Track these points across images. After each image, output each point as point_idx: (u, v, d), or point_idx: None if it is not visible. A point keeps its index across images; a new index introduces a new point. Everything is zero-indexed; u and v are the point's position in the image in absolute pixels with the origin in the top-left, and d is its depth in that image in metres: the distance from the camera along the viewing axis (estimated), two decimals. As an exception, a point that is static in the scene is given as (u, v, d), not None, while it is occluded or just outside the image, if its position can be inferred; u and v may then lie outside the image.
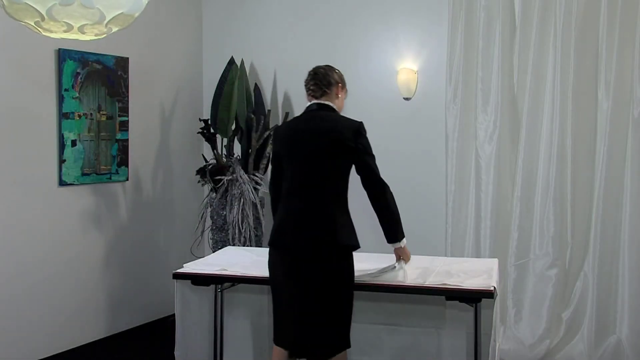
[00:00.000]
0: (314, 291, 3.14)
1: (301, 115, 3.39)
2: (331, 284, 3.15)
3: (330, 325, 3.16)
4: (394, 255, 3.47)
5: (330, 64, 3.44)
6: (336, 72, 3.38)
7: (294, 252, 3.18)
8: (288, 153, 3.29)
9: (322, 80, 3.31)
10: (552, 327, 4.66)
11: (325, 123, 3.23)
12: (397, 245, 3.35)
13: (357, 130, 3.21)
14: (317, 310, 3.14)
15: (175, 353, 3.87)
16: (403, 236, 3.35)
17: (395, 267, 3.44)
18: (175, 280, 3.76)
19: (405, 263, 3.43)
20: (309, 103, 3.36)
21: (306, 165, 3.22)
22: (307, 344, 3.19)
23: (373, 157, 3.25)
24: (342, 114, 3.37)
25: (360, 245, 3.29)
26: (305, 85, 3.37)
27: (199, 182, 5.43)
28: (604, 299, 4.55)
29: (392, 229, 3.30)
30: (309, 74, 3.37)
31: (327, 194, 3.19)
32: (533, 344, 4.64)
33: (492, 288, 3.28)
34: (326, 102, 3.30)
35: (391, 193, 3.27)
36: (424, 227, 5.16)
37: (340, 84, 3.36)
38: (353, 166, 3.27)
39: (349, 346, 3.23)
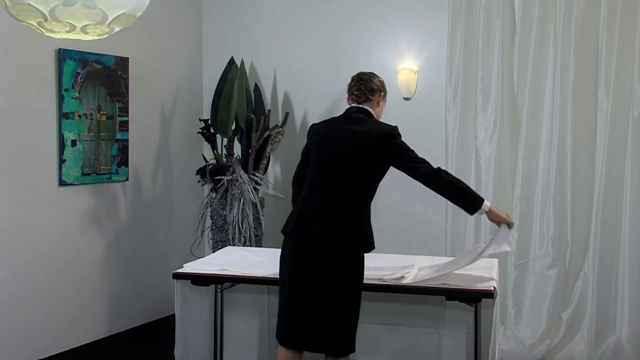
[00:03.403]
0: (322, 286, 3.14)
1: (339, 116, 3.40)
2: (340, 282, 3.15)
3: (335, 324, 3.15)
4: (406, 257, 3.49)
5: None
6: (380, 80, 3.39)
7: (310, 245, 3.17)
8: (318, 149, 3.30)
9: (367, 86, 3.32)
10: (552, 327, 4.67)
11: (359, 126, 3.23)
12: (482, 211, 3.29)
13: (390, 133, 3.21)
14: (324, 306, 3.14)
15: (175, 353, 3.87)
16: (482, 200, 3.29)
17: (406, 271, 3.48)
18: (175, 280, 3.76)
19: (510, 227, 3.35)
20: (348, 106, 3.37)
21: (334, 164, 3.22)
22: (311, 339, 3.18)
23: (413, 151, 3.23)
24: None
25: (375, 246, 3.31)
26: (349, 90, 3.38)
27: (199, 182, 5.43)
28: (604, 299, 4.55)
29: (466, 201, 3.28)
30: (353, 79, 3.38)
31: (350, 195, 3.19)
32: (533, 344, 4.64)
33: (492, 288, 3.29)
34: (366, 107, 3.31)
35: (445, 172, 3.25)
36: (424, 227, 5.17)
37: (382, 92, 3.38)
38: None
39: (353, 350, 3.22)
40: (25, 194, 4.46)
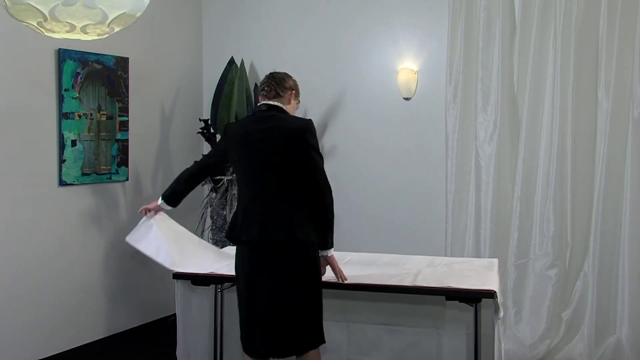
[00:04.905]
0: (282, 287, 3.15)
1: (251, 116, 3.43)
2: (298, 280, 3.16)
3: (302, 321, 3.17)
4: (406, 257, 3.47)
5: (286, 71, 3.46)
6: (292, 80, 3.40)
7: (261, 249, 3.17)
8: (239, 156, 3.28)
9: (278, 83, 3.33)
10: (552, 327, 4.67)
11: (276, 122, 3.23)
12: (326, 253, 3.30)
13: (306, 127, 3.21)
14: (287, 306, 3.15)
15: (177, 353, 3.87)
16: (332, 245, 3.30)
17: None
18: (175, 280, 3.76)
19: (339, 277, 3.37)
20: (259, 103, 3.37)
21: (262, 167, 3.20)
22: (281, 343, 3.19)
23: (321, 156, 3.24)
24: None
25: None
26: (260, 86, 3.39)
27: (199, 182, 5.43)
28: (604, 299, 4.55)
29: (325, 236, 3.26)
30: (266, 77, 3.39)
31: (287, 194, 3.19)
32: (533, 344, 4.64)
33: (492, 288, 3.28)
34: (276, 104, 3.30)
35: (332, 198, 3.23)
36: (424, 227, 5.17)
37: (294, 91, 3.38)
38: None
39: (323, 341, 3.25)
40: (25, 194, 4.46)
